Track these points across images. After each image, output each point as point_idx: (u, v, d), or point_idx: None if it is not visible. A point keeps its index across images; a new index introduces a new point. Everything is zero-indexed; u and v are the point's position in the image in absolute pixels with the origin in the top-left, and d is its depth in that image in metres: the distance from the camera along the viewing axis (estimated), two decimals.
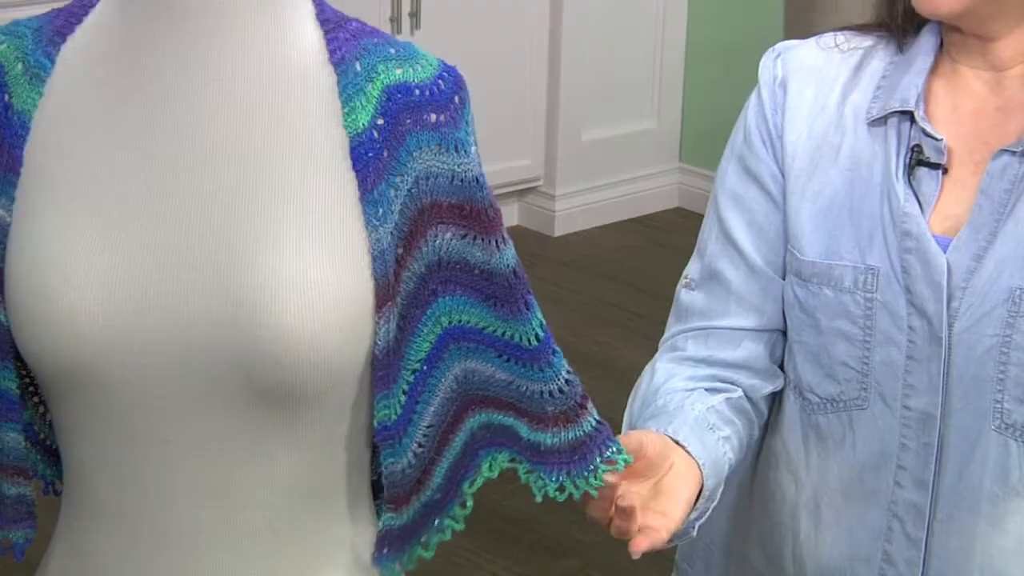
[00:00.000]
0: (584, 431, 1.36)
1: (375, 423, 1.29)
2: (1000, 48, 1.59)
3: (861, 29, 1.70)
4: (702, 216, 1.84)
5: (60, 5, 1.33)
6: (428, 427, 1.33)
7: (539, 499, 1.38)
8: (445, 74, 1.30)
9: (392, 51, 1.29)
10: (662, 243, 4.99)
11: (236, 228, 1.23)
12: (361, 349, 1.26)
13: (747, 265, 1.67)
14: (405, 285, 1.28)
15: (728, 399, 1.65)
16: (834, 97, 1.66)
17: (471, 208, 1.30)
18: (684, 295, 1.72)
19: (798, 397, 1.67)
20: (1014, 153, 1.56)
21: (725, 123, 5.90)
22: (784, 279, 1.67)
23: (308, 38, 1.28)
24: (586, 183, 5.14)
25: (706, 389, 1.65)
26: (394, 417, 1.29)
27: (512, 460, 1.39)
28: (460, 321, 1.33)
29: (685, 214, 5.21)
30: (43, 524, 1.38)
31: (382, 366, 1.27)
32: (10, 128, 1.27)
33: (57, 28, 1.29)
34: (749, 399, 1.67)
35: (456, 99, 1.30)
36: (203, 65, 1.25)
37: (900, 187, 1.59)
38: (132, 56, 1.26)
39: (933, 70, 1.63)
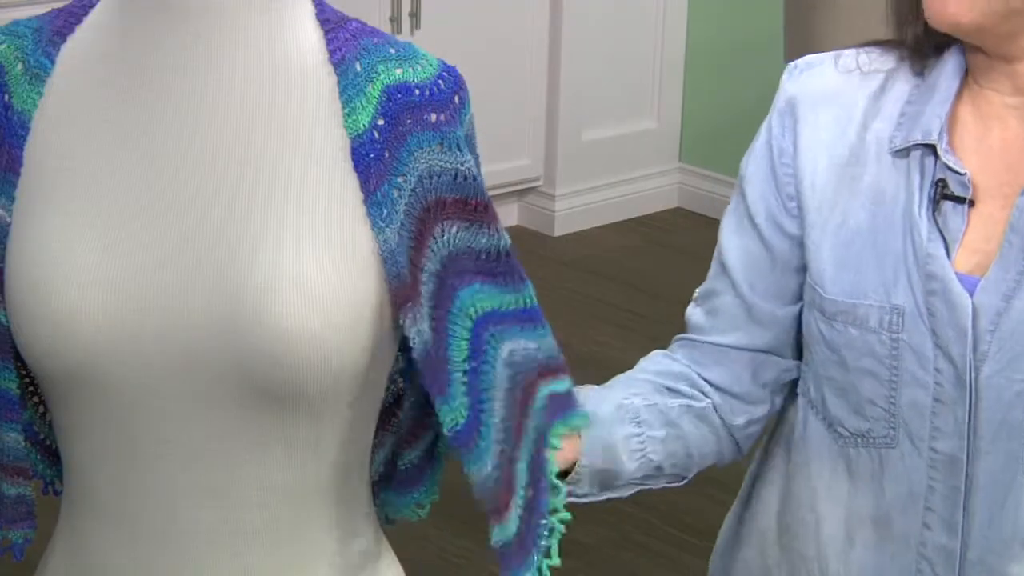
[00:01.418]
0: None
1: (445, 431, 1.30)
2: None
3: (885, 46, 1.63)
4: (702, 216, 1.84)
5: (60, 5, 1.33)
6: (502, 421, 1.34)
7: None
8: (445, 74, 1.30)
9: (392, 51, 1.29)
10: (662, 243, 4.99)
11: (236, 228, 1.23)
12: (361, 350, 1.26)
13: (735, 290, 1.67)
14: (425, 286, 1.28)
15: (688, 406, 1.66)
16: (854, 125, 1.60)
17: (475, 203, 1.32)
18: (689, 309, 1.73)
19: (829, 429, 1.64)
20: None
21: (725, 123, 5.90)
22: (785, 304, 1.65)
23: (308, 38, 1.28)
24: (586, 183, 5.14)
25: (667, 388, 1.67)
26: (461, 421, 1.30)
27: (566, 422, 1.41)
28: (483, 308, 1.34)
29: (685, 214, 5.21)
30: (43, 524, 1.38)
31: (428, 368, 1.28)
32: (10, 128, 1.27)
33: (57, 28, 1.29)
34: (720, 417, 1.67)
35: (456, 99, 1.30)
36: (203, 65, 1.25)
37: (923, 225, 1.53)
38: (132, 56, 1.26)
39: (959, 96, 1.56)
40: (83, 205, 1.25)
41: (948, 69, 1.57)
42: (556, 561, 1.37)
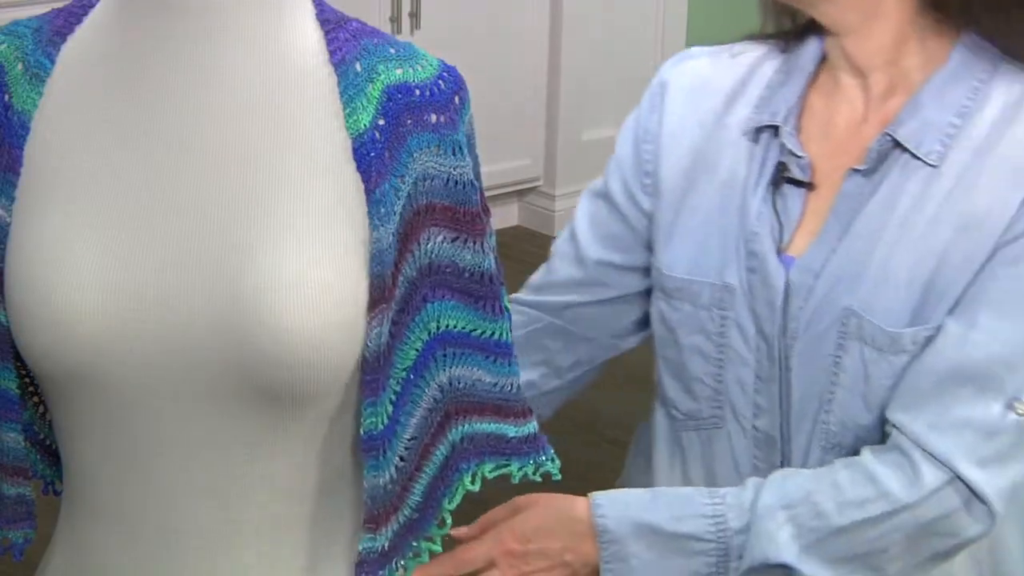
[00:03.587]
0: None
1: (361, 431, 1.28)
2: (852, 45, 1.55)
3: (760, 38, 1.69)
4: None
5: (60, 5, 1.33)
6: (411, 439, 1.32)
7: (557, 475, 1.41)
8: (445, 74, 1.29)
9: (392, 51, 1.29)
10: None
11: (236, 228, 1.23)
12: (359, 348, 1.26)
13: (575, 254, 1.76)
14: (399, 290, 1.28)
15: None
16: (718, 109, 1.64)
17: (464, 211, 1.30)
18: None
19: (667, 414, 1.68)
20: (861, 172, 1.53)
21: None
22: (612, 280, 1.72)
23: (308, 38, 1.28)
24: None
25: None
26: (380, 427, 1.27)
27: (498, 467, 1.39)
28: (448, 326, 1.32)
29: None
30: (43, 524, 1.37)
31: (371, 370, 1.26)
32: (10, 128, 1.27)
33: (57, 28, 1.29)
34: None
35: (456, 99, 1.29)
36: (203, 65, 1.25)
37: (754, 205, 1.57)
38: (132, 56, 1.26)
39: (815, 82, 1.60)
40: (83, 205, 1.24)
41: (806, 54, 1.61)
42: None
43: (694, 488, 1.56)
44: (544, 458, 1.39)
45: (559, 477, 1.41)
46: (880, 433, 1.54)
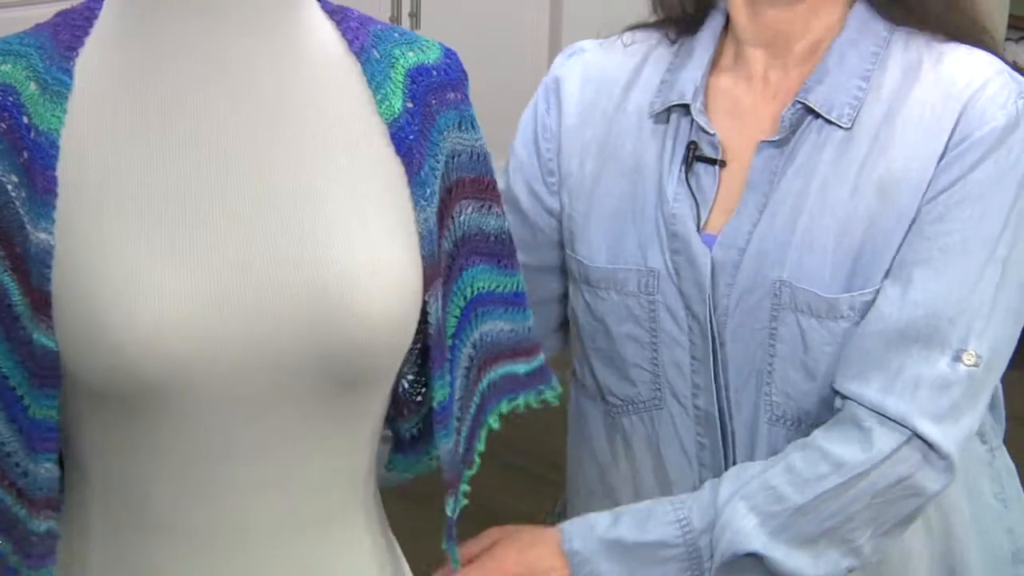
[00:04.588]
0: None
1: (433, 404, 1.30)
2: (773, 19, 1.57)
3: (650, 26, 1.70)
4: None
5: (62, 6, 1.30)
6: (459, 399, 1.34)
7: (555, 400, 1.45)
8: (448, 53, 1.33)
9: (397, 36, 1.32)
10: None
11: (299, 224, 1.22)
12: (413, 330, 1.26)
13: None
14: (441, 264, 1.30)
15: None
16: (615, 98, 1.65)
17: (487, 181, 1.34)
18: None
19: (601, 403, 1.67)
20: (774, 143, 1.55)
21: None
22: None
23: (324, 30, 1.28)
24: None
25: None
26: (446, 397, 1.30)
27: (509, 403, 1.42)
28: (480, 288, 1.36)
29: None
30: None
31: (436, 344, 1.28)
32: (38, 150, 1.20)
33: (65, 43, 1.24)
34: None
35: (463, 76, 1.33)
36: (236, 65, 1.23)
37: (671, 187, 1.58)
38: (160, 62, 1.23)
39: (719, 61, 1.61)
40: (139, 219, 1.20)
41: (705, 34, 1.62)
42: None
43: (654, 500, 1.56)
44: (544, 387, 1.43)
45: (557, 402, 1.44)
46: (824, 402, 1.55)
